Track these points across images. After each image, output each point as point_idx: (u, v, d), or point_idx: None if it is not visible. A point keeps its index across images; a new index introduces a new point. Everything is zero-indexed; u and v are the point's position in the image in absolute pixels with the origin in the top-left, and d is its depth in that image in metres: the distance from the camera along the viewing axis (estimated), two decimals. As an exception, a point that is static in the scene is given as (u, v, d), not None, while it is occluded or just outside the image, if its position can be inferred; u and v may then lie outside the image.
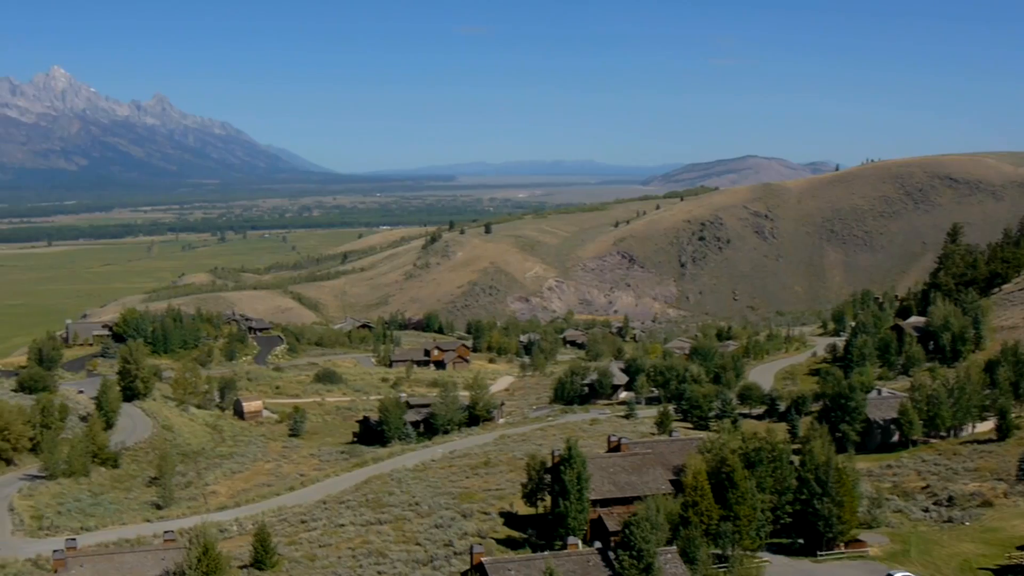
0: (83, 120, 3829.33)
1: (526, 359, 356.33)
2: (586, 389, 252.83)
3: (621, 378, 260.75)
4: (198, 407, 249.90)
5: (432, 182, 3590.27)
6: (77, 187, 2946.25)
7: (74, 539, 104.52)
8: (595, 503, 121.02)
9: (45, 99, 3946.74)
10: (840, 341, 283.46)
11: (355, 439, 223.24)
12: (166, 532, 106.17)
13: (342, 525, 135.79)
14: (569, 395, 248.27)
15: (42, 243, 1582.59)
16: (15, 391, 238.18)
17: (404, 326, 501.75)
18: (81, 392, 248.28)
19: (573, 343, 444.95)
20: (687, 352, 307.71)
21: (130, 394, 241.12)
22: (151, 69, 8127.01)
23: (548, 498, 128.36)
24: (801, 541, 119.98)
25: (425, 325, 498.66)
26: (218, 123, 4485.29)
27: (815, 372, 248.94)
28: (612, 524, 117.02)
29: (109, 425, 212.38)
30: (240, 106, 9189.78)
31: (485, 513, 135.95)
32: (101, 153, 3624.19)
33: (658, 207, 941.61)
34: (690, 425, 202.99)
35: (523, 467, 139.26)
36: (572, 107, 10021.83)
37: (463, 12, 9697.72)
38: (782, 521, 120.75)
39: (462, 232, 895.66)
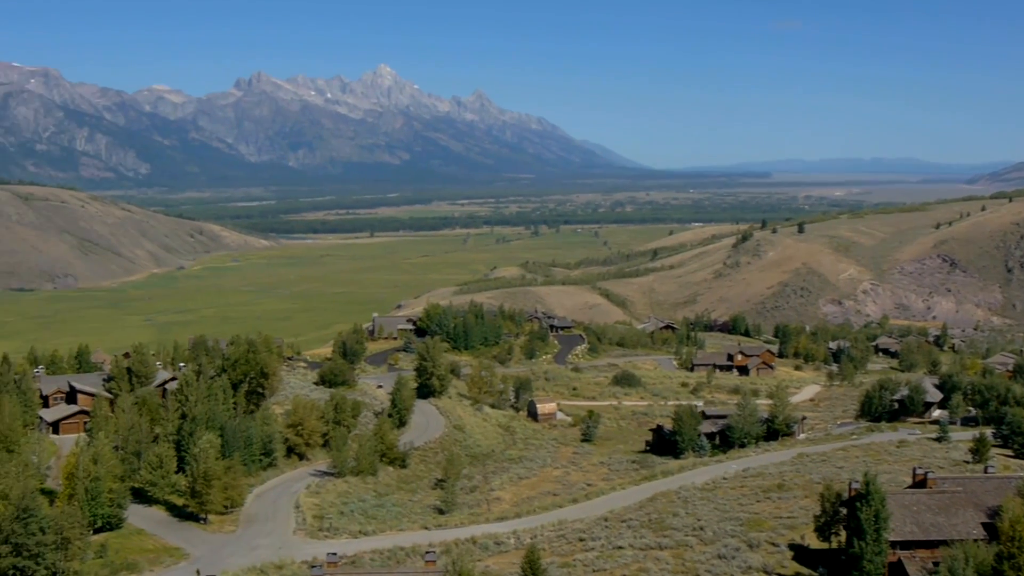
0: (406, 116, 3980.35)
1: (834, 367, 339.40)
2: (895, 405, 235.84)
3: (935, 395, 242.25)
4: (492, 407, 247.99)
5: (746, 179, 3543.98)
6: (399, 180, 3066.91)
7: (335, 553, 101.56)
8: (894, 545, 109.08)
9: (372, 96, 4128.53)
10: None
11: (647, 448, 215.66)
12: (427, 553, 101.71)
13: (620, 547, 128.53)
14: (876, 411, 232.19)
15: (365, 234, 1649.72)
16: (316, 384, 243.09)
17: (709, 327, 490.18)
18: (380, 387, 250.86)
19: (886, 351, 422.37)
20: (1010, 369, 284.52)
21: (426, 391, 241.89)
22: (472, 67, 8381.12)
23: (843, 533, 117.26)
24: None
25: (731, 327, 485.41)
26: (535, 119, 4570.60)
27: None
28: (913, 570, 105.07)
29: (402, 423, 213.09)
30: (557, 102, 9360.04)
31: (773, 544, 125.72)
32: (423, 148, 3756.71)
33: (984, 208, 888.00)
34: (1010, 452, 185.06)
35: (819, 494, 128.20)
36: (891, 102, 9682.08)
37: (779, 7, 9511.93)
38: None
39: (774, 231, 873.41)
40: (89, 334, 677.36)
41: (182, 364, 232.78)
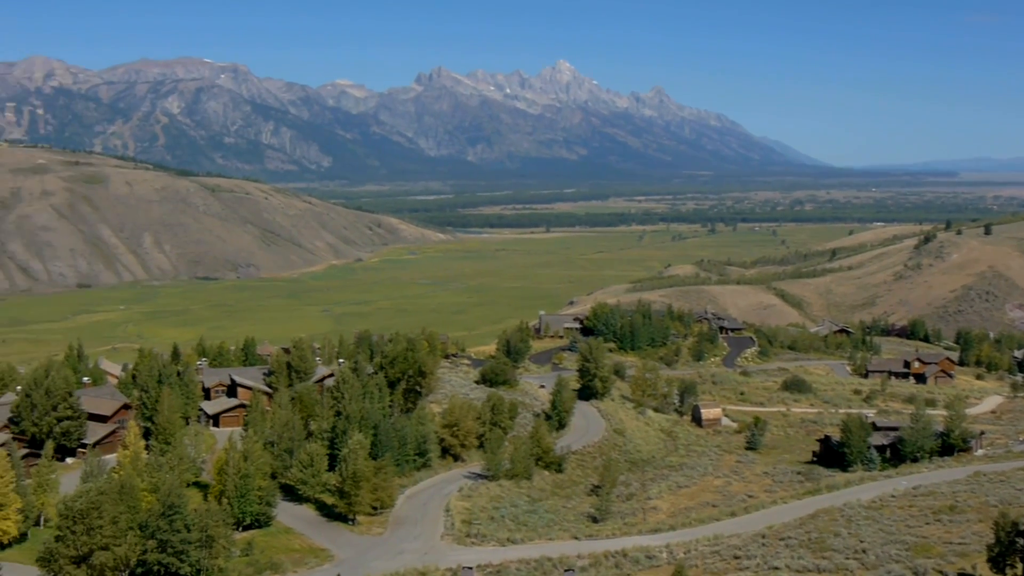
0: (584, 112, 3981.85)
1: (1019, 377, 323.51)
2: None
3: None
4: (655, 410, 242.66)
5: (932, 178, 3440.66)
6: (576, 176, 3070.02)
7: (471, 568, 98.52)
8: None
9: (550, 92, 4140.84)
10: None
11: (814, 458, 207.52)
12: (567, 572, 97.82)
13: (776, 568, 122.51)
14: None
15: (541, 229, 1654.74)
16: (477, 383, 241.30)
17: (886, 332, 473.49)
18: (542, 387, 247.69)
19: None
20: None
21: (588, 392, 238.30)
22: (650, 63, 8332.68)
23: (1019, 565, 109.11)
24: None
25: (909, 332, 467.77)
26: (713, 115, 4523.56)
27: None
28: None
29: (561, 425, 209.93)
30: (736, 99, 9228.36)
31: (941, 573, 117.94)
32: (600, 143, 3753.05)
33: None
34: None
35: (993, 520, 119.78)
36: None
37: (970, 2, 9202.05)
38: None
39: (959, 232, 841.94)
40: (268, 323, 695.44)
41: (340, 360, 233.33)
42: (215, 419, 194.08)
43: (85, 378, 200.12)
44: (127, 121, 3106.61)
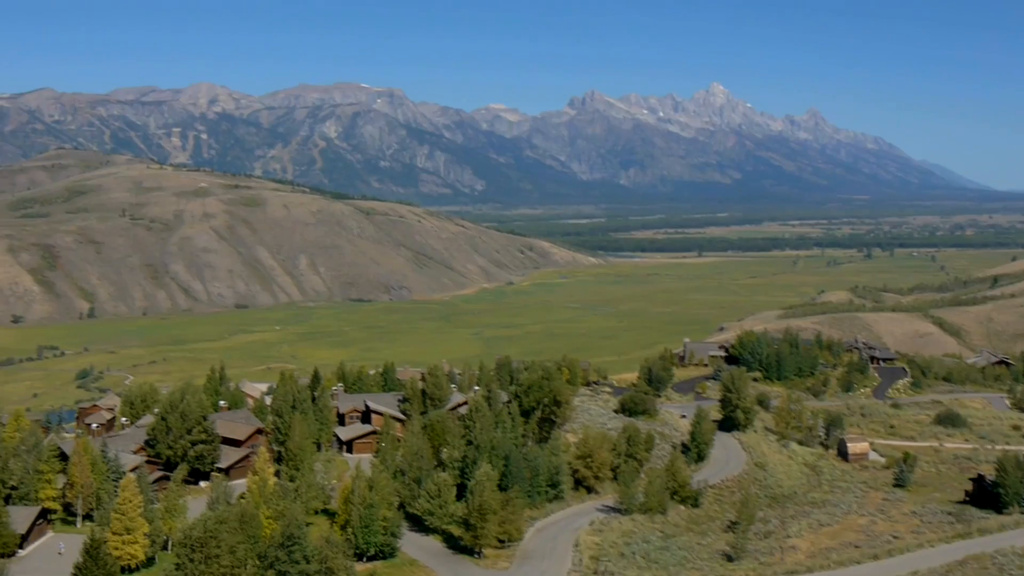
0: (738, 135, 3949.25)
1: None
2: None
3: None
4: (800, 443, 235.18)
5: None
6: (729, 200, 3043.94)
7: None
8: None
9: (704, 115, 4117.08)
10: None
11: (967, 499, 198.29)
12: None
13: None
14: None
15: (693, 253, 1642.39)
16: (616, 412, 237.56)
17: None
18: (683, 417, 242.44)
19: None
20: None
21: (729, 424, 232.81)
22: (805, 85, 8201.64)
23: None
24: None
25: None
26: (871, 138, 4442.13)
27: None
28: None
29: (700, 458, 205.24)
30: (894, 121, 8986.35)
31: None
32: (754, 167, 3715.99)
33: None
34: None
35: None
36: None
37: None
38: None
39: None
40: (419, 345, 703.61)
41: (475, 387, 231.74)
42: (348, 445, 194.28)
43: (221, 402, 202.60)
44: (286, 145, 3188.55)
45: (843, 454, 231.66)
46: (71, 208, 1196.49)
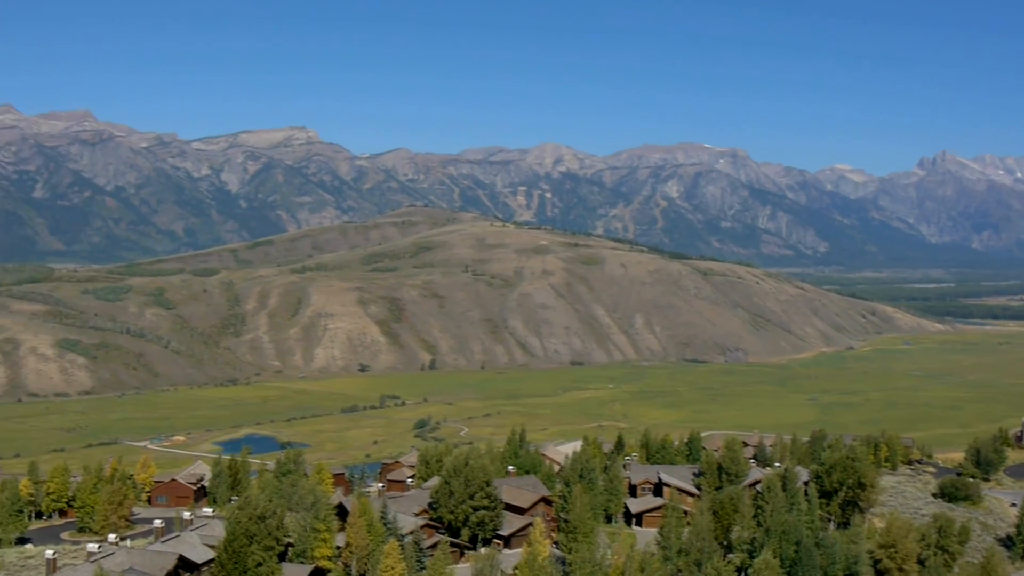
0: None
1: None
2: None
3: None
4: None
5: None
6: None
7: None
8: None
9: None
10: None
11: None
12: None
13: None
14: None
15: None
16: (935, 495, 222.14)
17: None
18: (1013, 505, 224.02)
19: None
20: None
21: None
22: None
23: None
24: None
25: None
26: None
27: None
28: None
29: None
30: None
31: None
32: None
33: None
34: None
35: None
36: None
37: None
38: None
39: None
40: (753, 409, 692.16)
41: (776, 464, 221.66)
42: (638, 518, 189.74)
43: (510, 467, 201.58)
44: (628, 204, 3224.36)
45: None
46: (418, 263, 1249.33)
